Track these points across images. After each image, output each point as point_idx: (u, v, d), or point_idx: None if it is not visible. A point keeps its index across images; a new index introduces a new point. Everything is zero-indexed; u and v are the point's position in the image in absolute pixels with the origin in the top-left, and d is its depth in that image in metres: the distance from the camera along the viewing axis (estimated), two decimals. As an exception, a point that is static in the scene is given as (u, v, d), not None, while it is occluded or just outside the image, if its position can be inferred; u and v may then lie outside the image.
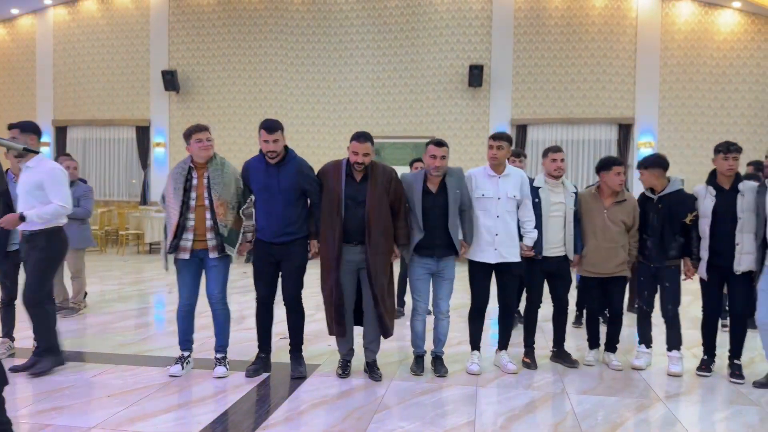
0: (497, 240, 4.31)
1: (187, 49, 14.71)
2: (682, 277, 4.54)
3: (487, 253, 4.33)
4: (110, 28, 15.01)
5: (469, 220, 4.35)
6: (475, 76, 13.12)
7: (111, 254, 12.23)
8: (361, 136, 4.13)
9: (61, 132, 15.43)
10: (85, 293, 6.60)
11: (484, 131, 13.41)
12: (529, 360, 4.62)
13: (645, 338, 4.68)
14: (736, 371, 4.36)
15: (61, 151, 15.28)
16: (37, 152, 3.71)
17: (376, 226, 4.10)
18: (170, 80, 14.34)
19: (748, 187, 4.25)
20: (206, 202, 4.15)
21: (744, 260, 4.24)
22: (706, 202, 4.33)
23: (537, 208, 4.46)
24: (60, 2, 15.09)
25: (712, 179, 4.38)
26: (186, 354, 4.34)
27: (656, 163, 4.51)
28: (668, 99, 13.18)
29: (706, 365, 4.49)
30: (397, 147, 13.35)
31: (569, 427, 3.39)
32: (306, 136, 14.21)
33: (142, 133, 14.92)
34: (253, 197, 4.28)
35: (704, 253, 4.36)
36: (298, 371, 4.27)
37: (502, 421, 3.45)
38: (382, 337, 4.27)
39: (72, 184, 6.01)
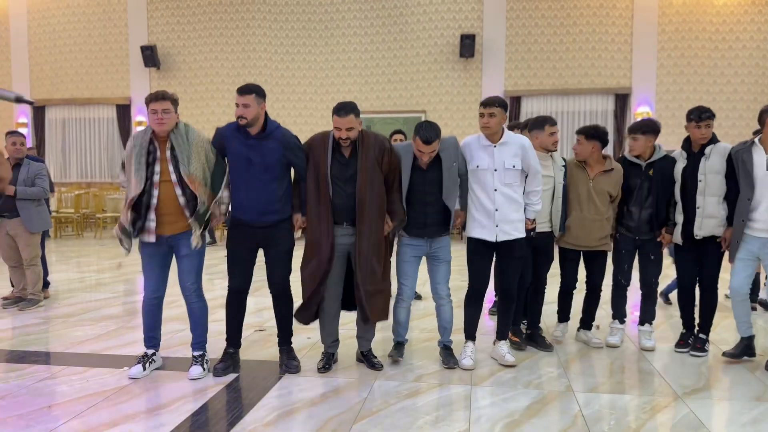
0: (498, 216, 3.85)
1: (167, 23, 14.06)
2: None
3: (487, 230, 3.87)
4: (86, 3, 14.33)
5: (465, 189, 3.94)
6: (467, 46, 12.56)
7: (88, 238, 11.72)
8: (342, 109, 3.62)
9: (39, 112, 14.81)
10: (48, 282, 6.10)
11: (477, 104, 12.84)
12: (518, 339, 4.36)
13: (619, 314, 4.49)
14: (697, 344, 4.24)
15: (39, 132, 14.71)
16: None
17: (368, 205, 3.66)
18: (150, 56, 13.75)
19: (717, 149, 4.07)
20: (173, 176, 3.60)
21: (705, 224, 4.07)
22: (678, 165, 4.22)
23: None
24: (32, -24, 14.38)
25: (686, 144, 4.24)
26: (150, 352, 3.86)
27: (653, 128, 4.28)
28: (666, 67, 12.66)
29: (684, 340, 4.33)
30: (387, 122, 12.82)
31: (577, 434, 2.95)
32: (292, 112, 13.66)
33: (123, 112, 14.37)
34: (226, 168, 3.79)
35: (679, 217, 4.20)
36: (293, 366, 3.86)
37: (500, 429, 2.99)
38: (374, 327, 3.94)
39: (20, 163, 5.50)
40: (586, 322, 4.56)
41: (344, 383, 3.66)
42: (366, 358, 3.97)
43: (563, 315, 4.64)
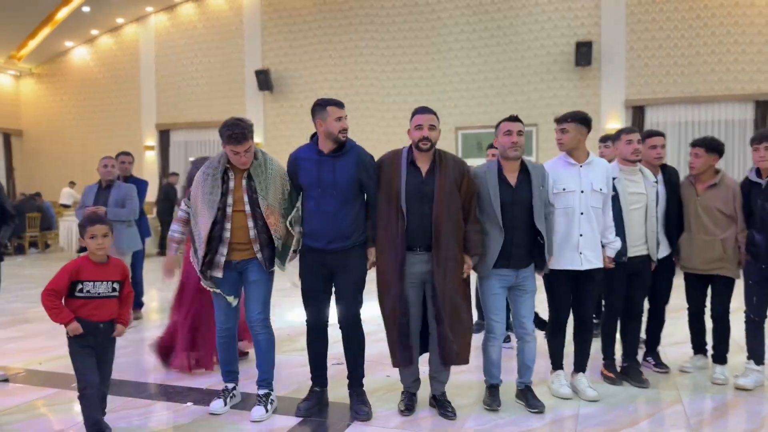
0: (582, 242, 3.49)
1: (280, 47, 14.43)
2: None
3: (570, 259, 3.52)
4: (207, 31, 15.07)
5: (550, 227, 3.50)
6: (583, 54, 11.73)
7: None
8: (423, 108, 3.38)
9: (164, 135, 15.69)
10: (141, 303, 6.15)
11: (595, 115, 11.96)
12: (612, 374, 3.96)
13: (755, 353, 3.90)
14: None
15: (164, 155, 15.57)
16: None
17: (446, 227, 3.23)
18: (264, 79, 14.14)
19: None
20: (247, 207, 3.38)
21: None
22: None
23: (614, 201, 3.71)
24: (160, 8, 15.34)
25: None
26: (230, 386, 3.63)
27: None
28: (819, 69, 11.09)
29: None
30: (497, 137, 12.25)
31: None
32: (398, 130, 13.44)
33: (239, 134, 14.85)
34: (300, 200, 3.50)
35: None
36: (363, 412, 3.40)
37: None
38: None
39: (111, 184, 5.60)
40: (716, 356, 4.00)
41: (428, 428, 3.18)
42: (439, 403, 3.48)
43: (697, 346, 4.25)
